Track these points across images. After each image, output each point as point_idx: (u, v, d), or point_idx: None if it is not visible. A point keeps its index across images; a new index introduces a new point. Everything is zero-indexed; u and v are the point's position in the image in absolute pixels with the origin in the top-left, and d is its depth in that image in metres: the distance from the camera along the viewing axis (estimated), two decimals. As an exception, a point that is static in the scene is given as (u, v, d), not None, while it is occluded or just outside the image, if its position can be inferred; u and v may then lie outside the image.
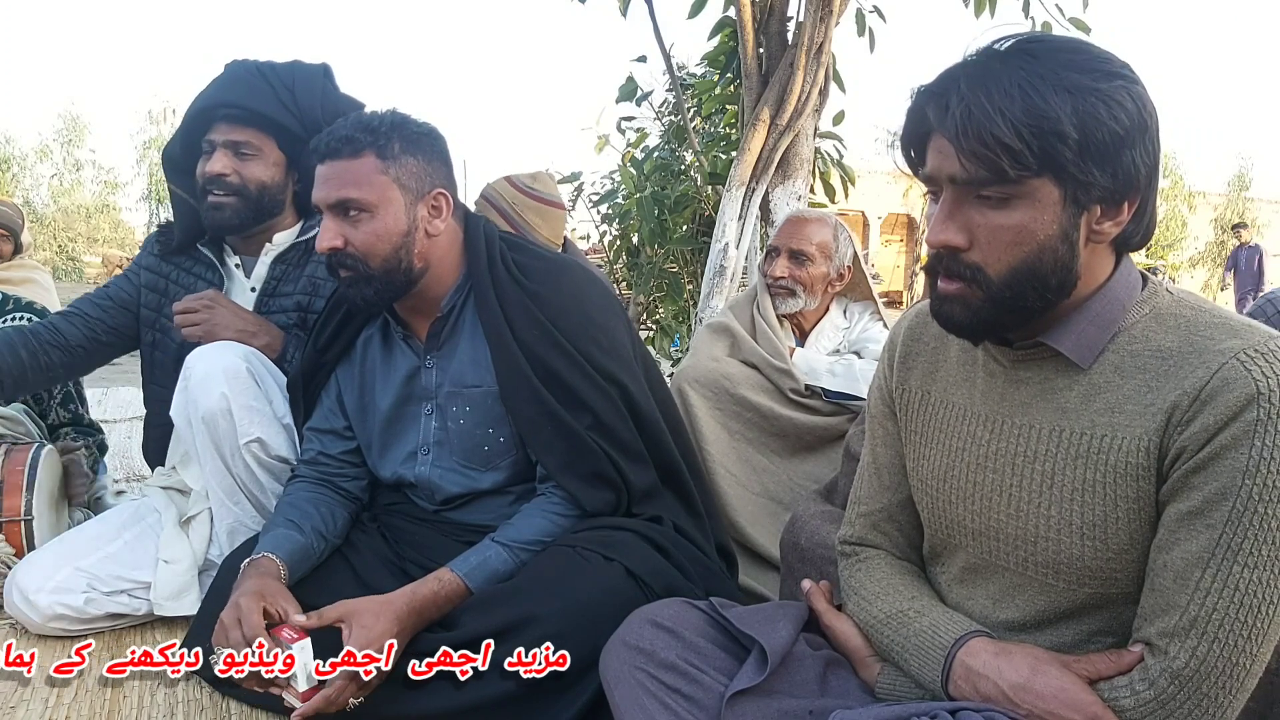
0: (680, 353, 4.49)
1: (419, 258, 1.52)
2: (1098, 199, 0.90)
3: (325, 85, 1.91)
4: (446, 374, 1.60)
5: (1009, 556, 1.02)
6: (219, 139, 1.82)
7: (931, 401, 1.12)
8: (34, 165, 22.48)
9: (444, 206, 1.54)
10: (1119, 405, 0.94)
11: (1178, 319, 0.94)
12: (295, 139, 1.85)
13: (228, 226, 1.85)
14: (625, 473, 1.52)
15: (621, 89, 4.46)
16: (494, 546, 1.48)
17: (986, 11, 3.71)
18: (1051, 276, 0.92)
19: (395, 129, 1.49)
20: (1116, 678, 0.91)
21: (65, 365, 1.92)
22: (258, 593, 1.35)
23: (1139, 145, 0.89)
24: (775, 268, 2.29)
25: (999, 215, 0.91)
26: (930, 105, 0.92)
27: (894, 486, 1.19)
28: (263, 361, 1.76)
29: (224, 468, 1.71)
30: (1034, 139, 0.86)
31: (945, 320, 0.99)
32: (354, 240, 1.47)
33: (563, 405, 1.52)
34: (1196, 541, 0.87)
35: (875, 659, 1.10)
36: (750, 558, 2.14)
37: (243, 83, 1.84)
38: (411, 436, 1.65)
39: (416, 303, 1.59)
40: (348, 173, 1.45)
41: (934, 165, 0.93)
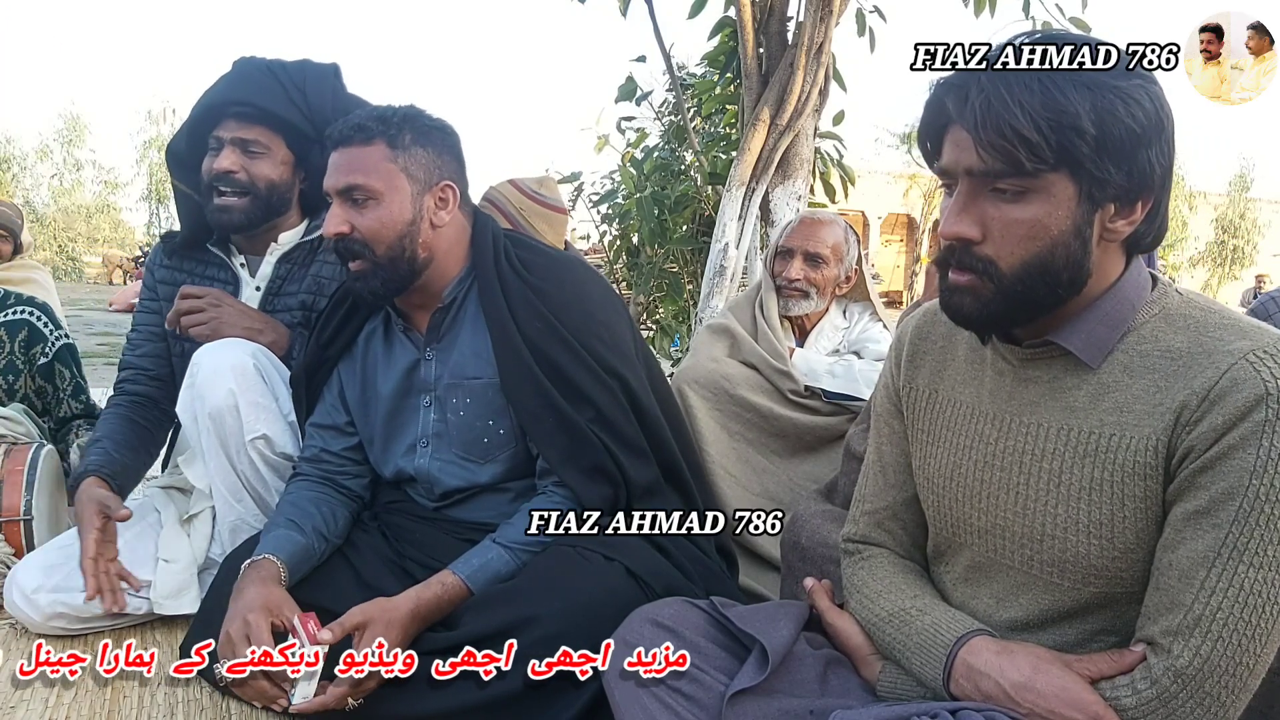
0: (680, 353, 4.49)
1: (423, 247, 1.53)
2: (1112, 197, 0.91)
3: (336, 85, 1.90)
4: (446, 366, 1.61)
5: (1014, 555, 1.02)
6: (227, 136, 1.81)
7: (939, 400, 1.12)
8: (34, 165, 22.51)
9: (450, 199, 1.56)
10: (1128, 405, 0.94)
11: (1187, 320, 0.95)
12: (304, 138, 1.85)
13: (234, 225, 1.84)
14: (625, 468, 1.53)
15: (621, 89, 4.46)
16: (495, 548, 1.48)
17: (986, 11, 3.71)
18: (1063, 272, 0.93)
19: (408, 120, 1.52)
20: (1118, 677, 0.91)
21: (166, 416, 1.98)
22: (264, 606, 1.36)
23: (1155, 145, 0.90)
24: (791, 269, 2.30)
25: (1013, 209, 0.91)
26: (950, 96, 0.92)
27: (899, 485, 1.19)
28: (269, 359, 1.76)
29: (229, 464, 1.71)
30: (1052, 132, 0.86)
31: (955, 312, 0.98)
32: (360, 226, 1.49)
33: (565, 398, 1.52)
34: (1203, 540, 0.87)
35: (877, 657, 1.10)
36: (750, 558, 2.14)
37: (253, 80, 1.82)
38: (411, 429, 1.65)
39: (419, 294, 1.60)
40: (357, 160, 1.48)
41: (950, 158, 0.93)
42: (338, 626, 1.35)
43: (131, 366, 1.99)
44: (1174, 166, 0.94)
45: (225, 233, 1.89)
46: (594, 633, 1.22)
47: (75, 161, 22.80)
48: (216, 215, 1.82)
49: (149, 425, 1.94)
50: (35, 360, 2.33)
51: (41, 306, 2.39)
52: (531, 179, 2.75)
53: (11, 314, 2.33)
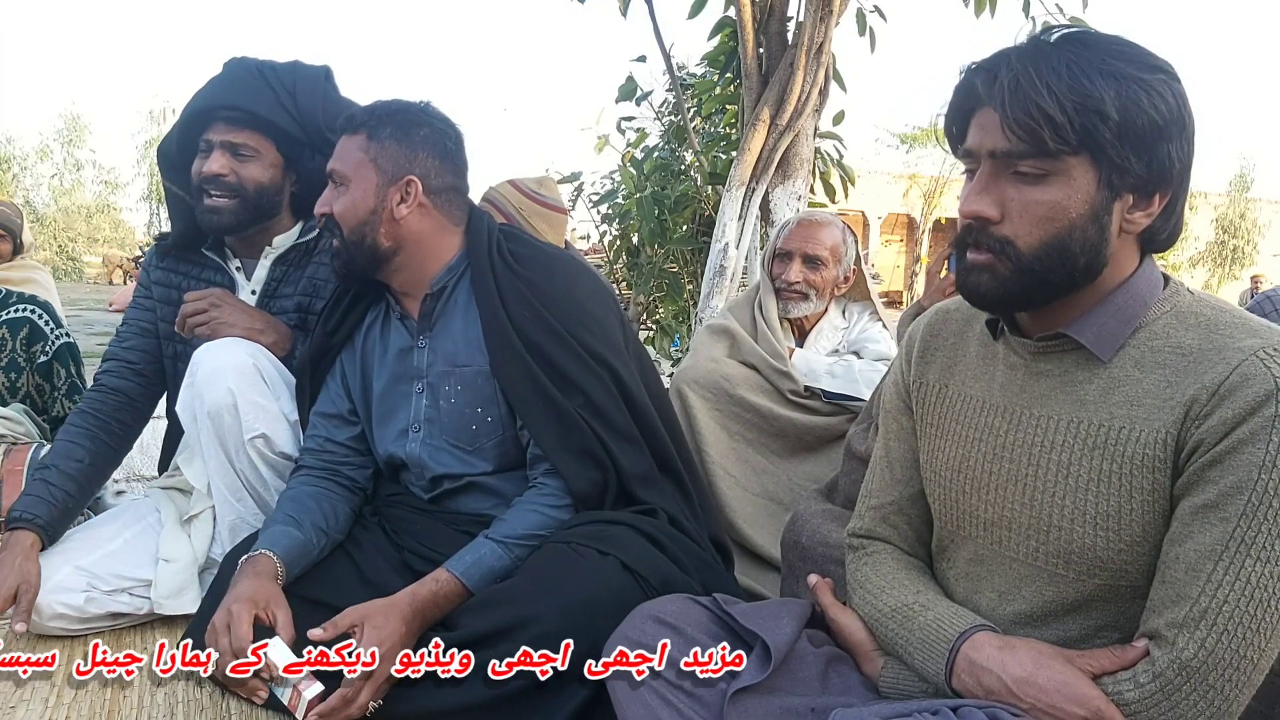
0: (680, 353, 4.49)
1: (385, 237, 1.59)
2: (1131, 186, 0.93)
3: (326, 88, 1.89)
4: (438, 353, 1.64)
5: (1019, 546, 1.03)
6: (217, 139, 1.80)
7: (949, 394, 1.13)
8: (35, 165, 22.50)
9: (413, 194, 1.59)
10: (1138, 399, 0.95)
11: (1198, 318, 0.96)
12: (294, 141, 1.84)
13: (223, 227, 1.84)
14: (615, 454, 1.54)
15: (621, 89, 4.46)
16: (488, 544, 1.49)
17: (987, 11, 3.71)
18: (1080, 256, 0.94)
19: (395, 115, 1.60)
20: (1120, 672, 0.91)
21: (137, 419, 1.95)
22: (250, 599, 1.37)
23: (1176, 139, 0.92)
24: (790, 272, 2.30)
25: (1034, 191, 0.93)
26: (979, 77, 0.95)
27: (905, 480, 1.19)
28: (269, 359, 1.76)
29: (228, 463, 1.71)
30: (1076, 114, 0.89)
31: (972, 291, 1.00)
32: (334, 208, 1.58)
33: (554, 385, 1.54)
34: (1210, 534, 0.88)
35: (879, 654, 1.10)
36: (750, 558, 2.14)
37: (242, 83, 1.81)
38: (403, 414, 1.67)
39: (403, 281, 1.65)
40: (343, 147, 1.59)
41: (975, 140, 0.96)
42: (331, 626, 1.35)
43: (115, 358, 1.96)
44: (1193, 166, 0.95)
45: (215, 234, 1.89)
46: (593, 629, 1.22)
47: (75, 161, 22.81)
48: (205, 216, 1.82)
49: (112, 438, 1.87)
50: (36, 358, 2.33)
51: (43, 305, 2.39)
52: (531, 179, 2.76)
53: (13, 312, 2.33)
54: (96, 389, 1.92)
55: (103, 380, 1.93)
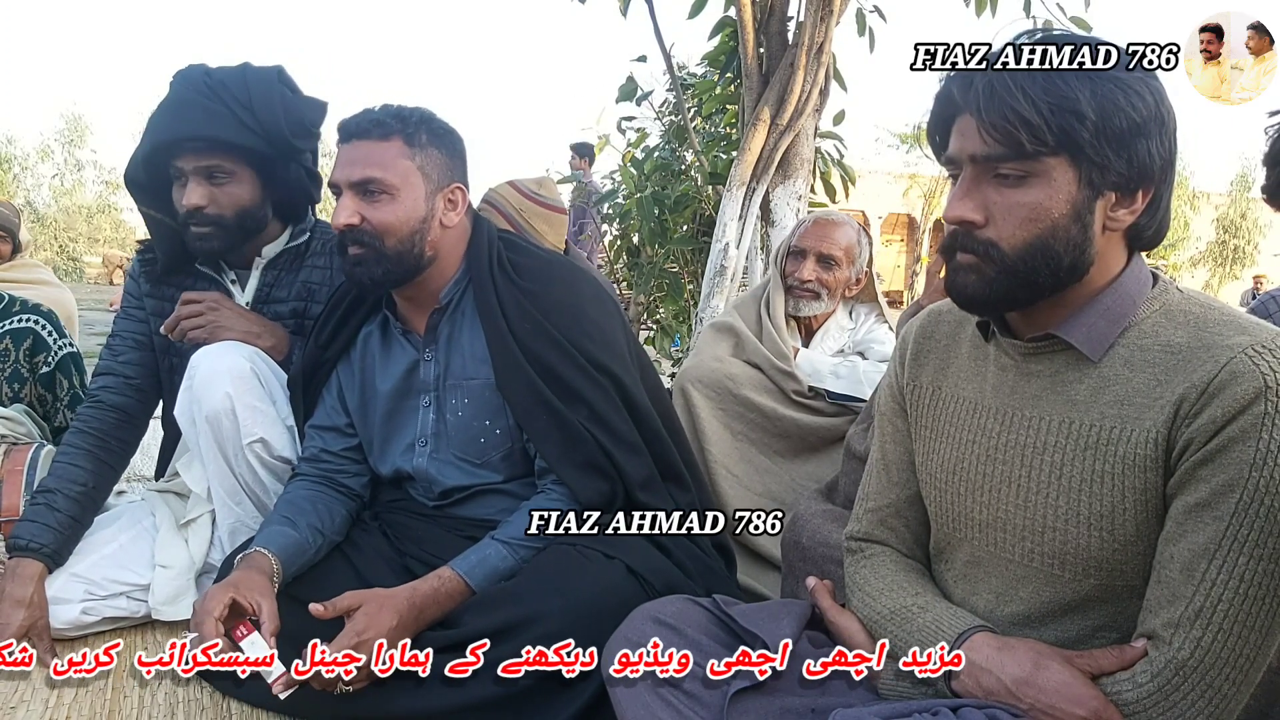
0: (681, 353, 4.48)
1: (430, 246, 1.56)
2: (1113, 184, 0.93)
3: (282, 91, 1.81)
4: (445, 367, 1.63)
5: (1015, 548, 1.03)
6: (188, 167, 1.74)
7: (942, 396, 1.13)
8: (35, 165, 22.47)
9: (460, 200, 1.59)
10: (1128, 398, 0.95)
11: (1187, 315, 0.96)
12: (263, 157, 1.79)
13: (216, 252, 1.82)
14: (620, 463, 1.54)
15: (621, 89, 4.45)
16: (494, 544, 1.49)
17: (987, 11, 3.70)
18: (1064, 255, 0.95)
19: (424, 121, 1.56)
20: (1119, 672, 0.91)
21: (135, 435, 1.94)
22: (232, 583, 1.37)
23: (1156, 136, 0.92)
24: (803, 270, 2.29)
25: (1015, 193, 0.94)
26: (956, 84, 0.96)
27: (902, 483, 1.19)
28: (267, 363, 1.76)
29: (227, 468, 1.71)
30: (1053, 115, 0.89)
31: (960, 292, 1.00)
32: (371, 218, 1.51)
33: (558, 396, 1.54)
34: (1203, 533, 0.88)
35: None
36: (751, 558, 2.14)
37: (197, 108, 1.71)
38: (410, 429, 1.66)
39: (417, 293, 1.62)
40: (374, 154, 1.51)
41: (956, 146, 0.97)
42: (330, 606, 1.34)
43: (112, 373, 1.92)
44: (1176, 162, 0.96)
45: (208, 258, 1.87)
46: (595, 631, 1.22)
47: (76, 162, 22.74)
48: (196, 244, 1.79)
49: (111, 456, 1.86)
50: (39, 369, 2.32)
51: (46, 314, 2.38)
52: (531, 180, 2.76)
53: (16, 321, 2.32)
54: (94, 405, 1.90)
55: (100, 396, 1.91)
